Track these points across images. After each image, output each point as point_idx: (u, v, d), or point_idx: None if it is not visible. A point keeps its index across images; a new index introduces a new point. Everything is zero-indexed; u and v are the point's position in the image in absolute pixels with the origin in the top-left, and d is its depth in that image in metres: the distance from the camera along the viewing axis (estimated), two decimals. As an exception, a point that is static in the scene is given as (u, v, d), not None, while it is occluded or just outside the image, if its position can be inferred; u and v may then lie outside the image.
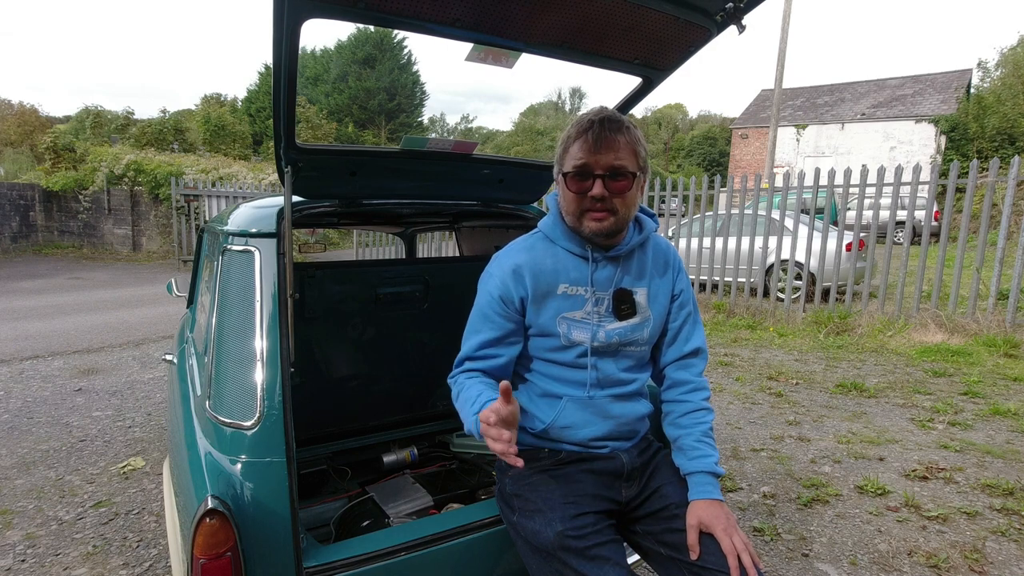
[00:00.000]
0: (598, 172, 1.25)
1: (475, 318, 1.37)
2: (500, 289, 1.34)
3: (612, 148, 1.25)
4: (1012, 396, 4.20)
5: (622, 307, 1.36)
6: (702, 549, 1.23)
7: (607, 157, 1.25)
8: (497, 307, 1.34)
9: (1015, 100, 20.72)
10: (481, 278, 1.40)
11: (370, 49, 36.94)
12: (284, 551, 1.25)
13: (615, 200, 1.27)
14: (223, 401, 1.36)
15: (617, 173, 1.26)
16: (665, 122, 56.29)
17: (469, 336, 1.37)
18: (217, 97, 31.63)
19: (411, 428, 2.42)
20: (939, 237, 5.67)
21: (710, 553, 1.22)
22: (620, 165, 1.25)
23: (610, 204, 1.27)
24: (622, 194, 1.27)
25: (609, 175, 1.25)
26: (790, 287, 6.75)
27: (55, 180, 14.61)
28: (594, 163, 1.25)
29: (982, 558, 2.31)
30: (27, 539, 2.48)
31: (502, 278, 1.34)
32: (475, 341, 1.35)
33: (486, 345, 1.34)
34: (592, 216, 1.29)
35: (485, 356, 1.34)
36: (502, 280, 1.34)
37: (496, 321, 1.34)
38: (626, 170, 1.26)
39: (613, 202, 1.27)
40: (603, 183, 1.26)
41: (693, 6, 1.36)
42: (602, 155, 1.25)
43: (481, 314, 1.36)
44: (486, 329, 1.34)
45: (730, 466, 3.16)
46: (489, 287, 1.36)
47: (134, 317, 7.24)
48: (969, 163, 5.61)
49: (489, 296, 1.35)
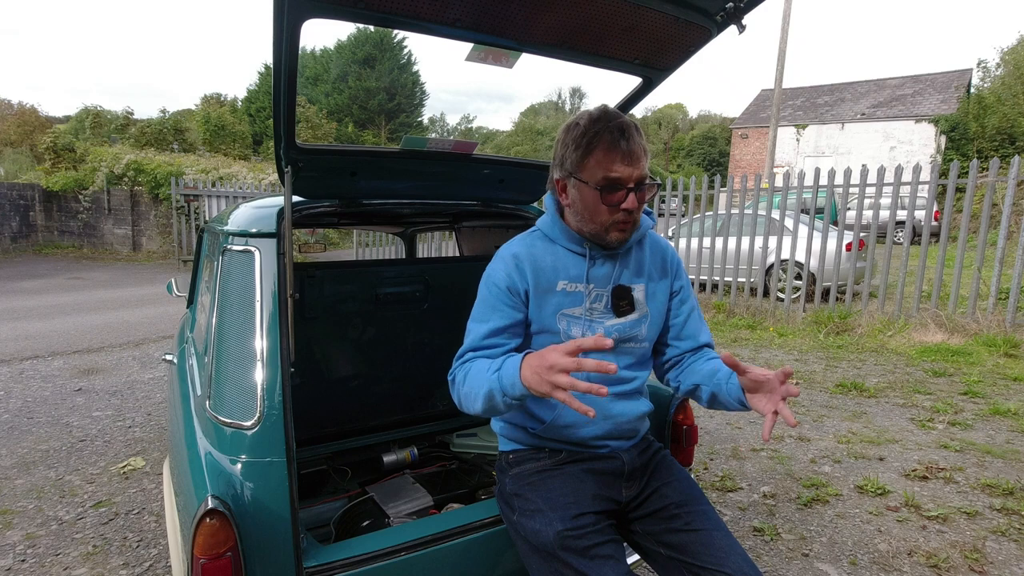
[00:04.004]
0: (630, 185, 1.23)
1: (481, 309, 1.33)
2: (507, 280, 1.32)
3: (640, 158, 1.23)
4: (1012, 396, 4.20)
5: (621, 303, 1.36)
6: (702, 549, 1.23)
7: (638, 169, 1.23)
8: (504, 297, 1.31)
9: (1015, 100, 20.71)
10: (484, 275, 1.38)
11: (370, 49, 36.95)
12: (284, 551, 1.25)
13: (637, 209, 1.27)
14: (223, 401, 1.36)
15: (643, 183, 1.25)
16: (665, 122, 56.27)
17: (474, 327, 1.31)
18: (217, 97, 31.63)
19: (411, 428, 2.42)
20: (939, 237, 5.66)
21: (710, 554, 1.22)
22: (646, 175, 1.25)
23: (635, 214, 1.27)
24: (644, 202, 1.27)
25: (638, 187, 1.24)
26: (790, 287, 6.75)
27: (55, 180, 14.61)
28: (628, 176, 1.23)
29: (982, 558, 2.31)
30: (27, 539, 2.48)
31: (507, 270, 1.33)
32: (483, 329, 1.29)
33: (495, 333, 1.29)
34: (619, 227, 1.28)
35: (493, 345, 1.29)
36: (507, 272, 1.33)
37: (504, 311, 1.31)
38: (650, 179, 1.26)
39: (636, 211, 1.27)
40: (635, 196, 1.24)
41: (693, 6, 1.36)
42: (635, 168, 1.22)
43: (487, 305, 1.32)
44: (495, 318, 1.30)
45: (730, 466, 3.16)
46: (495, 279, 1.33)
47: (134, 317, 7.24)
48: (969, 163, 5.61)
49: (496, 287, 1.32)
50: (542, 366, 1.03)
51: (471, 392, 1.19)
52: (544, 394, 1.03)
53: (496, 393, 1.13)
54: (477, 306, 1.34)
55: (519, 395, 1.09)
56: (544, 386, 1.03)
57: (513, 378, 1.09)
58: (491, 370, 1.16)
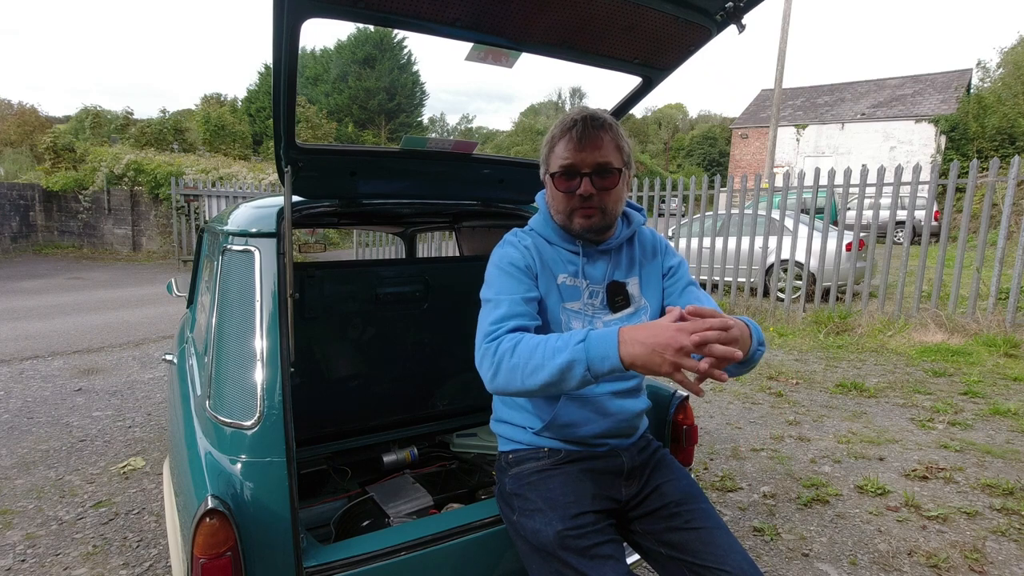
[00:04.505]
0: (585, 170, 1.27)
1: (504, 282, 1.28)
2: (523, 260, 1.31)
3: (597, 146, 1.26)
4: (1012, 396, 4.20)
5: (616, 299, 1.37)
6: (702, 547, 1.23)
7: (592, 155, 1.26)
8: (524, 274, 1.30)
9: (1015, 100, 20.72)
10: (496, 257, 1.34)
11: (370, 49, 36.95)
12: (284, 551, 1.25)
13: (602, 197, 1.29)
14: (223, 401, 1.36)
15: (603, 170, 1.27)
16: (665, 122, 56.27)
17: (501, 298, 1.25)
18: (217, 97, 31.64)
19: (411, 428, 2.42)
20: (939, 237, 5.67)
21: (710, 552, 1.22)
22: (606, 162, 1.27)
23: (598, 201, 1.28)
24: (609, 191, 1.29)
25: (595, 173, 1.27)
26: (790, 287, 6.74)
27: (55, 180, 14.61)
28: (580, 162, 1.26)
29: (982, 558, 2.31)
30: (27, 539, 2.48)
31: (520, 252, 1.33)
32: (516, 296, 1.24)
33: (529, 301, 1.25)
34: (581, 214, 1.30)
35: (528, 313, 1.24)
36: (522, 253, 1.33)
37: (527, 283, 1.29)
38: (611, 167, 1.28)
39: (601, 199, 1.28)
40: (590, 181, 1.27)
41: (693, 6, 1.37)
42: (587, 153, 1.26)
43: (511, 278, 1.28)
44: (521, 289, 1.27)
45: (730, 466, 3.16)
46: (511, 258, 1.31)
47: (134, 317, 7.24)
48: (969, 163, 5.61)
49: (513, 266, 1.30)
50: (669, 345, 0.98)
51: (531, 364, 1.10)
52: (660, 373, 1.00)
53: (578, 364, 1.06)
54: (496, 281, 1.29)
55: (608, 369, 1.04)
56: (665, 366, 0.98)
57: (607, 350, 1.04)
58: (571, 340, 1.08)
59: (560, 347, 1.08)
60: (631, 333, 1.04)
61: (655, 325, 1.03)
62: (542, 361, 1.09)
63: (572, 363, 1.06)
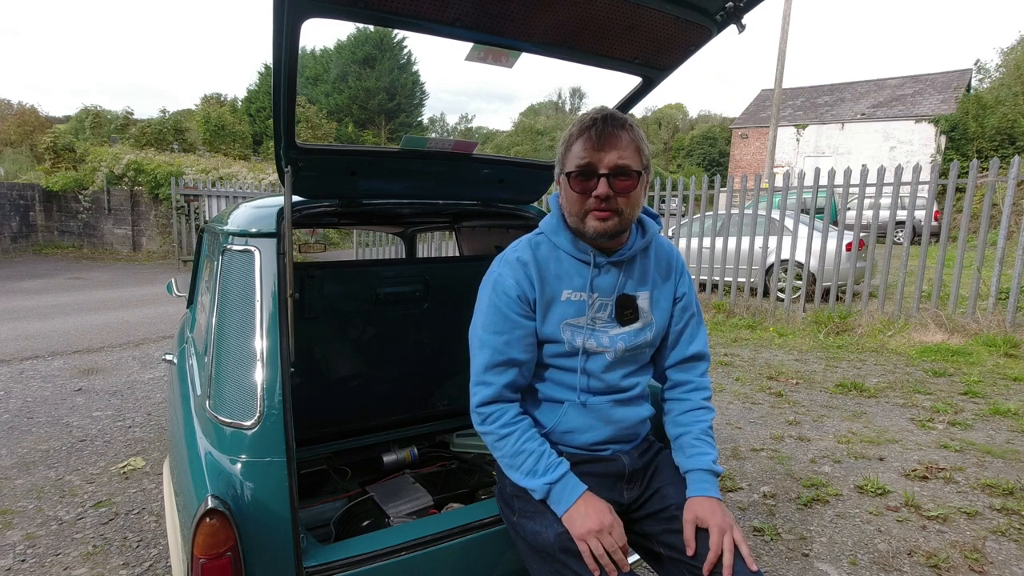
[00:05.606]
0: (602, 171, 1.22)
1: (494, 319, 1.31)
2: (516, 288, 1.30)
3: (616, 146, 1.21)
4: (1012, 396, 4.20)
5: (625, 312, 1.34)
6: (700, 547, 1.23)
7: (611, 155, 1.21)
8: (516, 307, 1.30)
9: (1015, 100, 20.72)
10: (491, 280, 1.34)
11: (370, 49, 36.96)
12: (284, 551, 1.24)
13: (619, 200, 1.23)
14: (223, 401, 1.36)
15: (621, 172, 1.22)
16: (665, 122, 56.26)
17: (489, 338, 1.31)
18: (217, 97, 31.65)
19: (411, 428, 2.42)
20: (939, 237, 5.67)
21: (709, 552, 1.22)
22: (624, 164, 1.22)
23: (614, 204, 1.23)
24: (626, 193, 1.24)
25: (613, 174, 1.22)
26: (790, 287, 6.75)
27: (55, 180, 14.61)
28: (598, 162, 1.22)
29: (982, 558, 2.31)
30: (27, 539, 2.48)
31: (516, 278, 1.31)
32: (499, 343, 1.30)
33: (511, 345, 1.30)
34: (596, 216, 1.24)
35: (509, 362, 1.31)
36: (517, 280, 1.30)
37: (517, 321, 1.30)
38: (630, 169, 1.22)
39: (617, 202, 1.23)
40: (608, 182, 1.22)
41: (693, 6, 1.36)
42: (606, 153, 1.21)
43: (500, 315, 1.30)
44: (507, 328, 1.30)
45: (730, 466, 3.16)
46: (504, 287, 1.31)
47: (134, 317, 7.24)
48: (969, 163, 5.61)
49: (506, 296, 1.30)
50: (599, 532, 1.20)
51: (515, 463, 1.29)
52: (576, 537, 1.21)
53: (538, 493, 1.26)
54: (487, 314, 1.32)
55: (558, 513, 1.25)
56: (580, 543, 1.20)
57: (566, 503, 1.24)
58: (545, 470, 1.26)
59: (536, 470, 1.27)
60: (588, 503, 1.24)
61: (603, 521, 1.21)
62: (516, 468, 1.29)
63: (534, 491, 1.27)
